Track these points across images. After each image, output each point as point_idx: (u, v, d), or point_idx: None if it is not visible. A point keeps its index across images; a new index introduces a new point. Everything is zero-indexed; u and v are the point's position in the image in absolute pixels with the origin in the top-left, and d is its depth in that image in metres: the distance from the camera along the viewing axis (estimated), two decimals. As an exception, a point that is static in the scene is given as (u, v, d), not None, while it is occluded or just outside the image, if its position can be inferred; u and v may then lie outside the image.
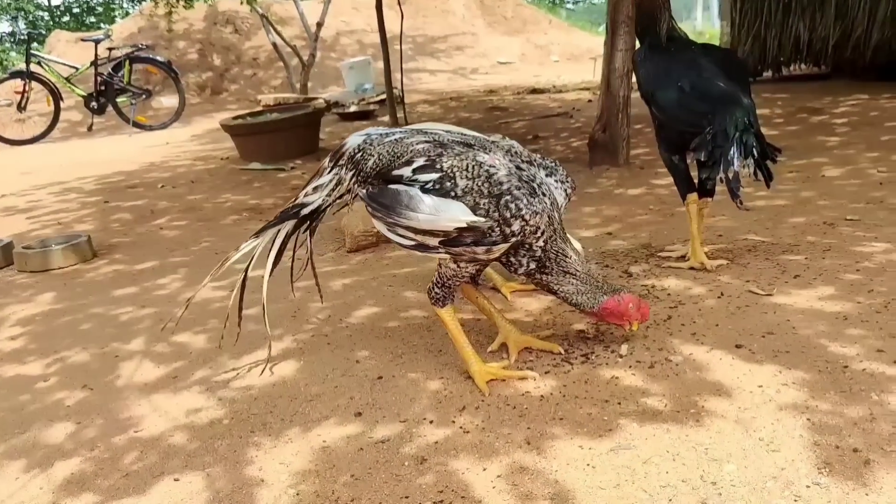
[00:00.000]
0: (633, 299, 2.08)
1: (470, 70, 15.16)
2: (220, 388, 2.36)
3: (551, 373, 2.13)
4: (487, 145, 2.10)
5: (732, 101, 2.52)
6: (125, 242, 4.70)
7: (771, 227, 3.42)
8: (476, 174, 1.93)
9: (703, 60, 2.70)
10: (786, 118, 6.47)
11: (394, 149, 2.08)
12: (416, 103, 11.34)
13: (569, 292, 2.08)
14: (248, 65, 14.92)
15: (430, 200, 1.94)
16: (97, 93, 11.05)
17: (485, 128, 8.22)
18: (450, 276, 2.11)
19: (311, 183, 2.26)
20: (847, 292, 2.41)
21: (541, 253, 2.01)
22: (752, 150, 2.43)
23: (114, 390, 2.46)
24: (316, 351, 2.56)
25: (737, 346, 2.12)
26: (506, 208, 1.89)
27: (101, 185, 6.75)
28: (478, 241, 1.94)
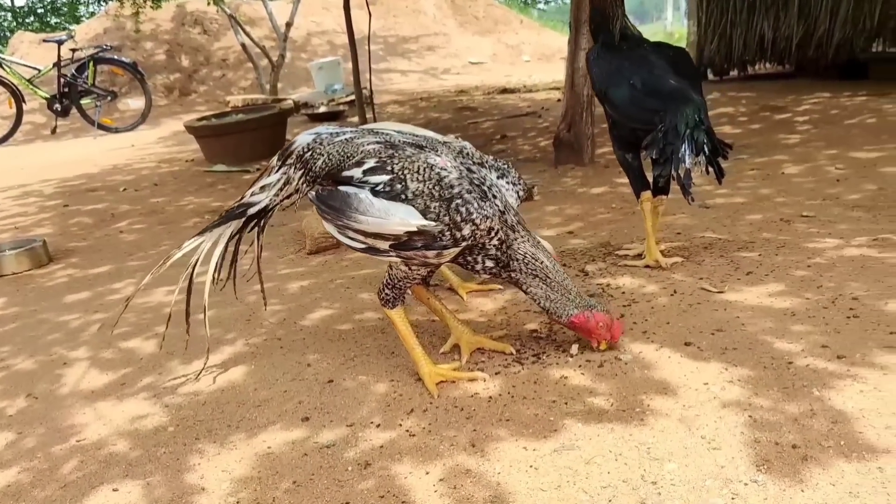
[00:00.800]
0: (604, 319, 2.03)
1: (441, 70, 15.14)
2: (167, 394, 2.32)
3: (501, 373, 2.11)
4: (439, 147, 2.07)
5: (683, 98, 2.52)
6: (82, 247, 4.61)
7: (728, 224, 3.43)
8: (427, 177, 1.90)
9: (655, 58, 2.70)
10: (750, 116, 6.52)
11: (344, 149, 2.04)
12: (387, 104, 11.30)
13: (538, 295, 2.04)
14: (217, 66, 14.78)
15: (379, 203, 1.91)
16: (61, 94, 10.87)
17: (453, 128, 8.22)
18: (400, 278, 2.08)
19: (258, 182, 2.22)
20: (796, 288, 2.42)
21: (497, 252, 1.98)
22: (703, 146, 2.43)
23: (58, 398, 2.40)
24: (268, 355, 2.52)
25: (686, 343, 2.11)
26: (456, 212, 1.86)
27: (61, 189, 6.63)
28: (428, 245, 1.91)
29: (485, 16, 17.08)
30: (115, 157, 8.44)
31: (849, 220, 3.24)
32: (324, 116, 10.21)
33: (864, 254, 2.70)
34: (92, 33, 14.79)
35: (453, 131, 8.00)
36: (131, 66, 11.17)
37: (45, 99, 10.87)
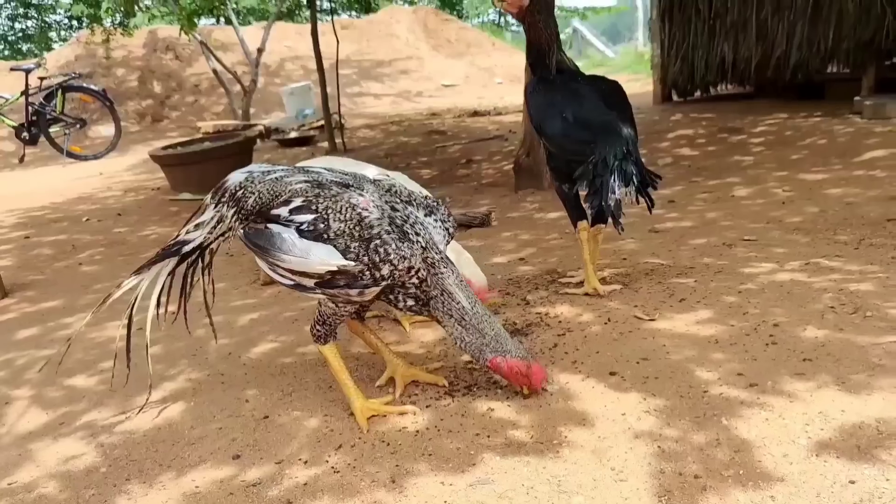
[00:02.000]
0: (520, 366, 2.02)
1: (414, 93, 15.27)
2: (103, 433, 2.32)
3: (432, 406, 2.15)
4: (366, 185, 2.11)
5: (612, 131, 2.59)
6: (40, 280, 4.60)
7: (673, 249, 3.50)
8: (349, 217, 1.93)
9: (587, 91, 2.77)
10: (707, 138, 6.65)
11: (273, 187, 2.08)
12: (358, 128, 11.37)
13: (454, 335, 2.06)
14: (189, 91, 14.80)
15: (301, 243, 1.95)
16: (29, 123, 10.84)
17: (421, 152, 8.29)
18: (329, 314, 2.12)
19: (192, 220, 2.25)
20: (723, 315, 2.48)
21: (417, 291, 2.02)
22: (632, 178, 2.50)
23: (-6, 439, 2.39)
24: (208, 391, 2.54)
25: (611, 373, 2.16)
26: (375, 252, 1.90)
27: (24, 219, 6.61)
28: (350, 284, 1.95)
29: (458, 39, 17.27)
30: (82, 186, 8.42)
31: (787, 244, 3.32)
32: (294, 142, 10.25)
33: (794, 278, 2.77)
34: (63, 60, 14.79)
35: (421, 155, 8.09)
36: (100, 94, 11.16)
37: (13, 127, 10.84)
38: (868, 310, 2.34)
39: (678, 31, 8.98)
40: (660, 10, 9.05)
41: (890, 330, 2.18)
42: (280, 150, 10.08)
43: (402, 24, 17.28)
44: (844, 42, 7.31)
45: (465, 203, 5.42)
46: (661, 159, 6.04)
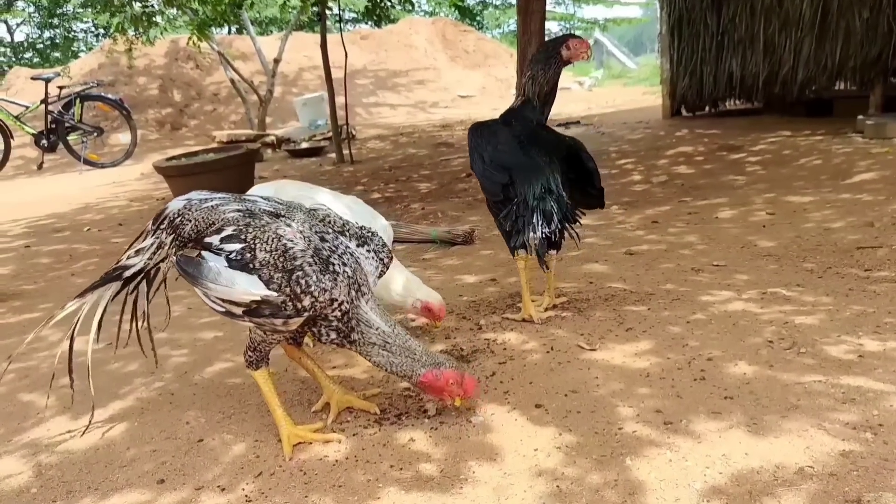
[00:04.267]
0: (454, 375, 2.04)
1: (430, 104, 15.34)
2: (45, 451, 2.37)
3: (359, 434, 2.16)
4: (297, 215, 2.13)
5: (530, 170, 2.62)
6: (30, 290, 4.69)
7: (641, 273, 3.48)
8: (274, 247, 1.96)
9: (506, 134, 2.80)
10: (705, 156, 6.59)
11: (208, 215, 2.11)
12: (369, 139, 11.46)
13: (381, 363, 2.07)
14: (208, 100, 15.03)
15: (226, 273, 1.98)
16: (48, 131, 11.09)
17: (426, 164, 8.32)
18: (258, 341, 2.14)
19: (133, 245, 2.28)
20: (663, 347, 2.46)
21: (339, 324, 2.04)
22: (553, 215, 2.52)
23: (-58, 454, 2.45)
24: (155, 411, 2.57)
25: (537, 405, 2.16)
26: (297, 283, 1.92)
27: (29, 229, 6.75)
28: (274, 314, 1.97)
29: (475, 49, 17.32)
30: (92, 194, 8.58)
31: (754, 270, 3.29)
32: (304, 152, 10.36)
33: (746, 308, 2.74)
34: (87, 68, 15.11)
35: (424, 168, 8.12)
36: (117, 103, 11.38)
37: (32, 135, 11.10)
38: (804, 345, 2.31)
39: (687, 47, 8.93)
40: (669, 24, 9.01)
41: (817, 368, 2.15)
42: (290, 160, 10.19)
43: (421, 35, 17.37)
44: (851, 59, 7.21)
45: (455, 219, 5.44)
46: (656, 177, 6.00)
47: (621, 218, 4.84)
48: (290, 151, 10.44)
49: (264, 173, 9.07)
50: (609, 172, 6.54)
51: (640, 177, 6.20)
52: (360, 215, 2.95)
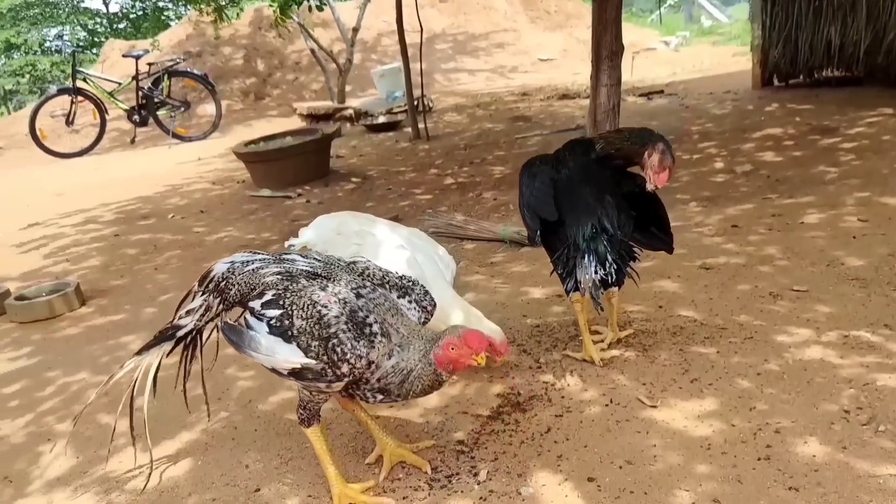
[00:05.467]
0: (453, 341, 1.94)
1: (510, 68, 15.01)
2: (116, 489, 2.48)
3: (409, 498, 2.16)
4: (336, 272, 2.12)
5: (581, 210, 2.52)
6: (116, 287, 4.90)
7: (715, 296, 3.33)
8: (309, 315, 1.98)
9: (545, 177, 2.70)
10: (796, 140, 6.21)
11: (250, 279, 2.14)
12: (446, 111, 11.34)
13: (420, 388, 2.00)
14: (290, 69, 15.18)
15: (266, 342, 2.01)
16: (139, 106, 11.48)
17: (501, 144, 8.18)
18: (307, 400, 2.16)
19: (184, 305, 2.33)
20: (728, 408, 2.34)
21: (381, 384, 2.02)
22: (606, 256, 2.41)
23: (25, 483, 2.60)
24: (218, 447, 2.65)
25: (589, 478, 2.10)
26: (333, 352, 1.93)
27: (118, 214, 7.04)
28: (317, 379, 1.99)
29: (557, 10, 16.77)
30: (178, 173, 8.85)
31: (838, 300, 3.09)
32: (381, 127, 10.34)
33: (824, 358, 2.58)
34: (176, 39, 15.48)
35: (499, 148, 7.98)
36: (202, 78, 11.65)
37: (125, 110, 11.51)
38: (884, 421, 2.15)
39: (781, 12, 8.36)
40: (762, -12, 8.45)
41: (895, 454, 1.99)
42: (367, 135, 10.21)
43: (501, -5, 16.93)
44: (967, 28, 6.59)
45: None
46: (740, 165, 5.69)
47: (699, 219, 4.62)
48: (367, 126, 10.45)
49: (342, 151, 9.14)
50: (690, 158, 6.26)
51: (722, 164, 5.90)
52: (419, 248, 2.92)
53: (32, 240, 6.46)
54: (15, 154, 12.70)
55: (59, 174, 10.15)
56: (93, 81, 11.42)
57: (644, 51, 14.93)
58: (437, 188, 6.60)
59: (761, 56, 8.81)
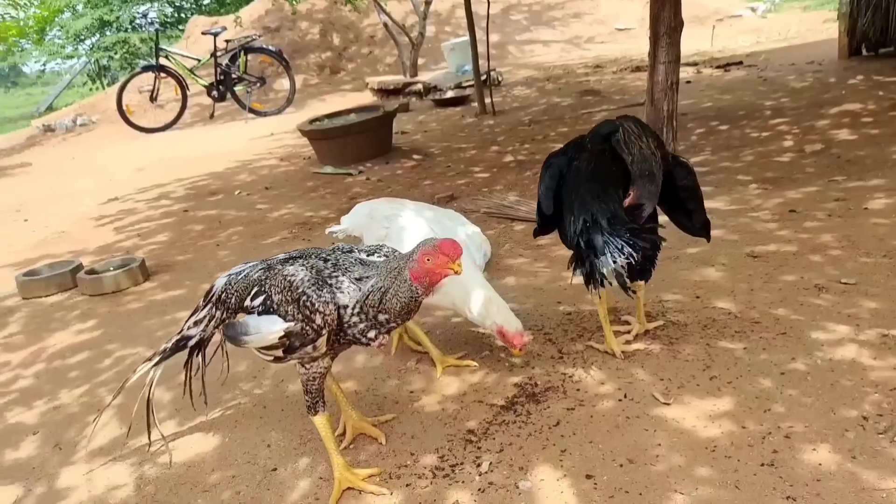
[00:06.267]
0: (427, 251, 1.96)
1: (585, 39, 14.68)
2: (149, 462, 2.63)
3: (412, 485, 2.21)
4: (308, 253, 2.21)
5: (576, 205, 2.53)
6: (180, 262, 5.13)
7: (757, 287, 3.22)
8: (283, 286, 2.11)
9: (554, 172, 2.72)
10: (875, 117, 5.86)
11: (243, 285, 2.26)
12: (516, 84, 11.22)
13: (397, 306, 2.02)
14: (365, 43, 15.30)
15: (252, 322, 2.16)
16: (217, 82, 11.84)
17: (566, 119, 8.08)
18: (305, 381, 2.24)
19: (192, 317, 2.44)
20: (743, 409, 2.27)
21: (367, 322, 2.06)
22: (605, 249, 2.37)
23: (73, 452, 2.79)
24: (245, 425, 2.77)
25: (588, 476, 2.08)
26: (304, 307, 2.04)
27: (189, 191, 7.33)
28: (303, 343, 2.09)
29: (637, -24, 16.21)
30: (250, 149, 9.12)
31: (886, 295, 2.94)
32: (449, 102, 10.33)
33: (856, 359, 2.46)
34: (256, 15, 15.82)
35: (563, 124, 7.87)
36: (276, 54, 11.90)
37: (204, 86, 11.90)
38: (903, 430, 2.04)
39: (872, -24, 7.85)
40: (850, -50, 7.94)
41: (908, 467, 1.89)
42: (435, 110, 10.22)
43: (580, -38, 16.50)
44: None
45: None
46: (811, 144, 5.42)
47: (757, 202, 4.45)
48: (435, 101, 10.46)
49: (407, 126, 9.20)
50: (758, 136, 6.00)
51: (791, 143, 5.64)
52: (448, 230, 2.92)
53: (110, 214, 6.82)
54: (106, 128, 13.35)
55: (142, 149, 10.63)
56: (174, 59, 11.84)
57: (728, 18, 14.31)
58: (496, 166, 6.57)
59: (849, 24, 8.32)
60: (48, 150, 12.52)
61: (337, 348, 2.20)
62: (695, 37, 13.18)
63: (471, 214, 5.16)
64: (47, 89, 25.59)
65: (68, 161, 10.68)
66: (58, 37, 18.36)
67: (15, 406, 3.30)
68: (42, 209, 7.55)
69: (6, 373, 3.70)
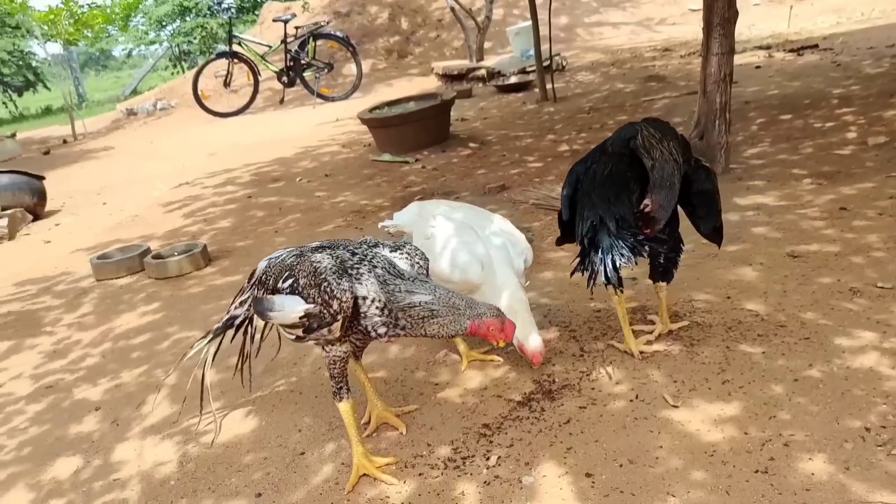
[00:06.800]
0: (494, 323, 2.19)
1: (657, 21, 14.36)
2: (193, 440, 2.85)
3: (424, 475, 2.35)
4: (338, 243, 2.39)
5: (585, 207, 2.59)
6: (239, 248, 5.39)
7: (791, 289, 3.20)
8: (309, 271, 2.28)
9: (573, 178, 2.76)
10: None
11: (279, 269, 2.43)
12: (580, 69, 11.13)
13: (434, 332, 2.22)
14: (433, 26, 15.38)
15: (278, 300, 2.34)
16: (287, 68, 12.18)
17: (626, 107, 8.00)
18: (329, 365, 2.41)
19: (238, 298, 2.65)
20: (749, 415, 2.30)
21: (382, 318, 2.23)
22: (612, 251, 2.43)
23: (128, 428, 3.05)
24: (282, 409, 2.96)
25: (587, 474, 2.17)
26: (324, 292, 2.21)
27: (253, 177, 7.62)
28: (320, 325, 2.26)
29: (713, -46, 15.71)
30: (315, 135, 9.39)
31: (922, 303, 2.88)
32: (512, 87, 10.33)
33: (875, 367, 2.45)
34: (326, 0, 16.10)
35: (623, 112, 7.80)
36: (344, 40, 12.14)
37: (275, 72, 12.26)
38: (904, 443, 2.04)
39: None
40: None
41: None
42: (497, 96, 10.25)
43: (654, -60, 16.09)
44: None
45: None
46: (874, 136, 5.25)
47: (808, 198, 4.37)
48: (497, 87, 10.48)
49: (468, 113, 9.28)
50: (821, 127, 5.84)
51: (854, 134, 5.46)
52: (493, 234, 3.01)
53: (179, 199, 7.18)
54: (184, 112, 13.92)
55: (215, 133, 11.06)
56: (246, 45, 12.22)
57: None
58: (551, 155, 6.59)
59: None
60: (130, 133, 13.17)
61: (353, 337, 2.35)
62: (772, 17, 12.75)
63: (519, 206, 5.25)
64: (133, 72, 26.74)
65: (147, 145, 11.22)
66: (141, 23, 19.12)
67: (82, 383, 3.59)
68: (119, 193, 8.00)
69: (77, 351, 4.02)
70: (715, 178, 2.74)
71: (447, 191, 5.95)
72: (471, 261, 2.84)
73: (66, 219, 7.35)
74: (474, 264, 2.83)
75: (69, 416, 3.26)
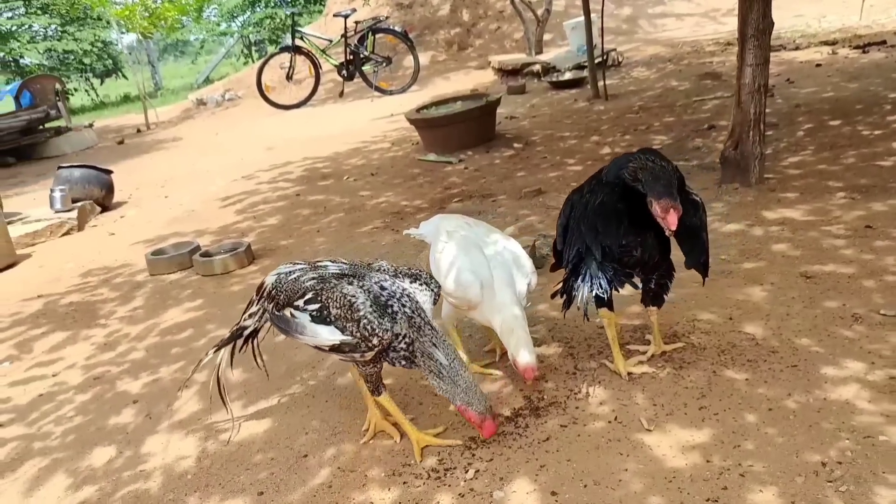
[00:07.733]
0: (474, 418, 2.48)
1: (723, 12, 14.02)
2: (212, 437, 3.11)
3: (408, 483, 2.53)
4: (360, 272, 2.54)
5: (578, 236, 2.72)
6: (282, 247, 5.67)
7: (794, 311, 3.24)
8: (342, 304, 2.50)
9: (567, 208, 2.90)
10: None
11: (293, 286, 2.63)
12: (637, 64, 11.03)
13: (434, 385, 2.52)
14: (494, 18, 15.42)
15: (311, 326, 2.57)
16: (347, 62, 12.48)
17: (676, 107, 7.94)
18: (364, 374, 2.67)
19: (247, 310, 2.88)
20: (715, 443, 2.39)
21: (406, 353, 2.51)
22: (597, 278, 2.56)
23: (158, 422, 3.33)
24: (294, 411, 3.19)
25: (553, 492, 2.31)
26: (364, 329, 2.45)
27: (304, 174, 7.92)
28: (353, 351, 2.52)
29: (786, -59, 15.17)
30: (368, 131, 9.64)
31: (918, 334, 2.89)
32: (565, 84, 10.33)
33: (850, 401, 2.50)
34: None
35: (671, 112, 7.77)
36: (402, 35, 12.35)
37: (335, 66, 12.57)
38: (853, 482, 2.10)
39: None
40: None
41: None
42: (549, 92, 10.27)
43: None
44: None
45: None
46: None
47: (837, 213, 4.33)
48: (551, 83, 10.50)
49: (518, 110, 9.36)
50: (869, 135, 5.71)
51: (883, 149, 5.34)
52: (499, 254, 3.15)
53: (234, 195, 7.53)
54: (250, 103, 14.42)
55: (276, 126, 11.45)
56: (308, 39, 12.57)
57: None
58: (591, 158, 6.65)
59: None
60: (198, 123, 13.73)
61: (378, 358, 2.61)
62: (847, 8, 12.28)
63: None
64: (208, 59, 27.66)
65: (212, 137, 11.71)
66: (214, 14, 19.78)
67: (125, 376, 3.91)
68: (181, 186, 8.43)
69: (125, 344, 4.36)
70: (703, 213, 2.80)
71: (485, 193, 6.08)
72: (472, 281, 2.98)
73: (131, 211, 7.82)
74: (475, 285, 2.97)
75: (110, 408, 3.57)
